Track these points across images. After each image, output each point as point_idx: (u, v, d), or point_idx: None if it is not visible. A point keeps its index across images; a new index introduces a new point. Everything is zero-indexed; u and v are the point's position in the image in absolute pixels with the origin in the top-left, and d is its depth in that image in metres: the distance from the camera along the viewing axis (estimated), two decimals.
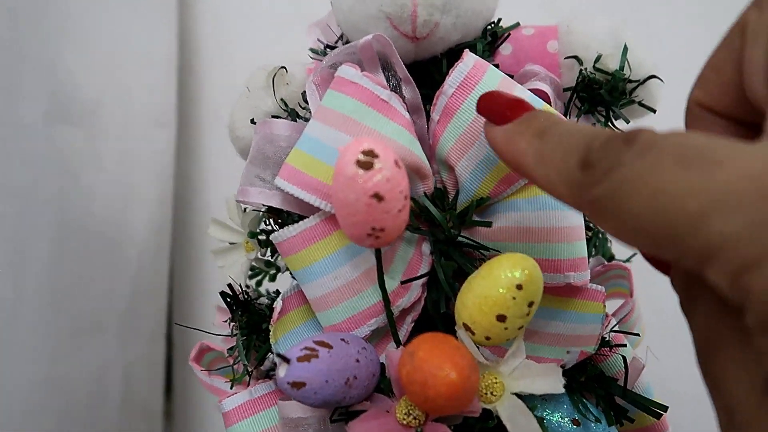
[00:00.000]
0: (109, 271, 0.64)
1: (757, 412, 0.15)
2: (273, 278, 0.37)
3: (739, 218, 0.13)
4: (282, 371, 0.26)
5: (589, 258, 0.37)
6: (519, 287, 0.25)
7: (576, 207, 0.19)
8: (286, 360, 0.26)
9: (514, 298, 0.25)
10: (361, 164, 0.24)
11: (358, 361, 0.27)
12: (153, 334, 0.70)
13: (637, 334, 0.32)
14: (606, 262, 0.37)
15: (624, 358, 0.29)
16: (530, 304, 0.25)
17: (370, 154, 0.24)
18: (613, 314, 0.32)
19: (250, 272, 0.38)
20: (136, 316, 0.68)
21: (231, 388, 0.35)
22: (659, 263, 0.22)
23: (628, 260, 0.38)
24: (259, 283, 0.38)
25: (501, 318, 0.25)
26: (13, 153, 0.54)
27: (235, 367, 0.35)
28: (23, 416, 0.57)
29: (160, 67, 0.68)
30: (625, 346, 0.30)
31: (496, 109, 0.24)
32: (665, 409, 0.29)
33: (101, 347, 0.64)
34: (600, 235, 0.38)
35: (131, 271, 0.67)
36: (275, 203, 0.31)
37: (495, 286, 0.25)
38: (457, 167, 0.30)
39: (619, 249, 0.40)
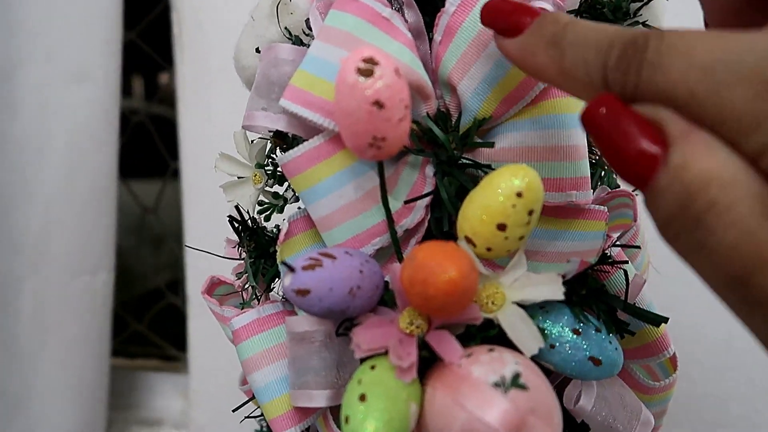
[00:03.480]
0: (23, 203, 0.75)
1: None
2: (281, 210, 0.38)
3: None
4: (287, 279, 0.26)
5: (594, 187, 0.37)
6: (519, 195, 0.25)
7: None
8: (291, 269, 0.26)
9: (514, 206, 0.25)
10: (361, 72, 0.24)
11: (361, 272, 0.27)
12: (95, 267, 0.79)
13: (638, 247, 0.32)
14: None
15: (625, 271, 0.30)
16: (530, 213, 0.25)
17: (371, 61, 0.24)
18: (618, 237, 0.32)
19: (259, 207, 0.39)
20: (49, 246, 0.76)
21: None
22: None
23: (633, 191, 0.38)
24: (267, 218, 0.39)
25: (501, 227, 0.25)
26: None
27: (244, 295, 0.36)
28: None
29: (98, 33, 0.76)
30: (627, 262, 0.30)
31: (501, 18, 0.23)
32: (666, 319, 0.30)
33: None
34: (606, 167, 0.39)
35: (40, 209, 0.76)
36: (281, 126, 0.31)
37: (495, 194, 0.25)
38: (459, 87, 0.30)
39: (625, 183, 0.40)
